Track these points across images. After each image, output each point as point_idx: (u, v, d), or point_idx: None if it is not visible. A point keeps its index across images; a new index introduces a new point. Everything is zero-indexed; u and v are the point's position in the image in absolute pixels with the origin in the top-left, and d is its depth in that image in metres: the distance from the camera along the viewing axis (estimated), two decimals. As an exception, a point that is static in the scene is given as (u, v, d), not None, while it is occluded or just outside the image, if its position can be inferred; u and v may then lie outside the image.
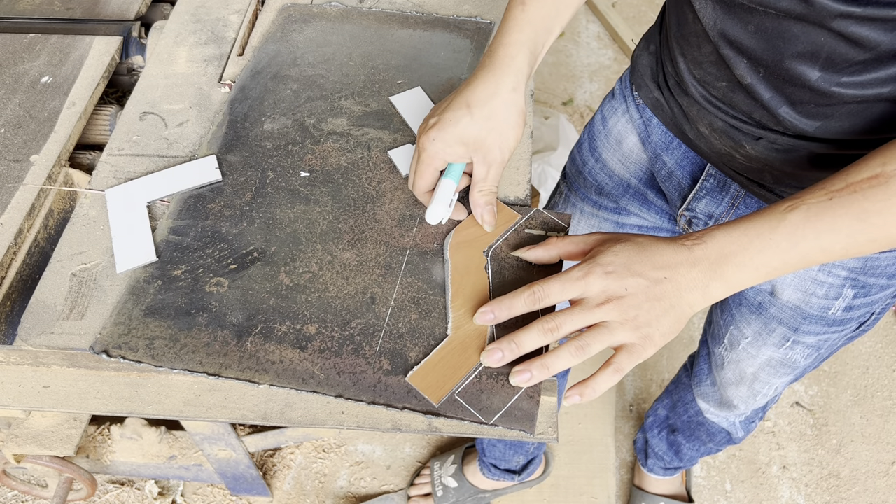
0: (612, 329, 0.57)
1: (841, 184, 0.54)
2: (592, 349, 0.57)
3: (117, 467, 1.23)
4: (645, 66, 0.81)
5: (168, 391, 0.68)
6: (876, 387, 1.67)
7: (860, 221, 0.52)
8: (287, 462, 1.52)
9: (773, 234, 0.55)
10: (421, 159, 0.69)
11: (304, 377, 0.63)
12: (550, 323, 0.58)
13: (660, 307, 0.57)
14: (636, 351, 0.57)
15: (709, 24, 0.64)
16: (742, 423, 1.11)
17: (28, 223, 0.75)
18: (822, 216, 0.53)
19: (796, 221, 0.54)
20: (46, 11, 0.99)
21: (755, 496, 1.51)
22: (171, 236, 0.73)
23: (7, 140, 0.81)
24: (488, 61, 0.69)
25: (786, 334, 0.84)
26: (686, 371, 1.20)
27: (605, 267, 0.58)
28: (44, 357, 0.68)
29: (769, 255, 0.55)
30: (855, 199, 0.52)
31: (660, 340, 0.57)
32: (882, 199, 0.52)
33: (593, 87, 2.22)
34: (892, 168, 0.52)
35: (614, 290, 0.57)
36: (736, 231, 0.56)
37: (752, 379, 0.94)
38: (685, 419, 1.20)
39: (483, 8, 0.96)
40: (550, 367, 0.58)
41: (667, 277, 0.57)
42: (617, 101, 0.88)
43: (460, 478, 1.46)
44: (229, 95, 0.85)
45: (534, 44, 0.69)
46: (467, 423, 0.61)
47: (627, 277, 0.57)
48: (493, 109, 0.67)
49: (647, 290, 0.57)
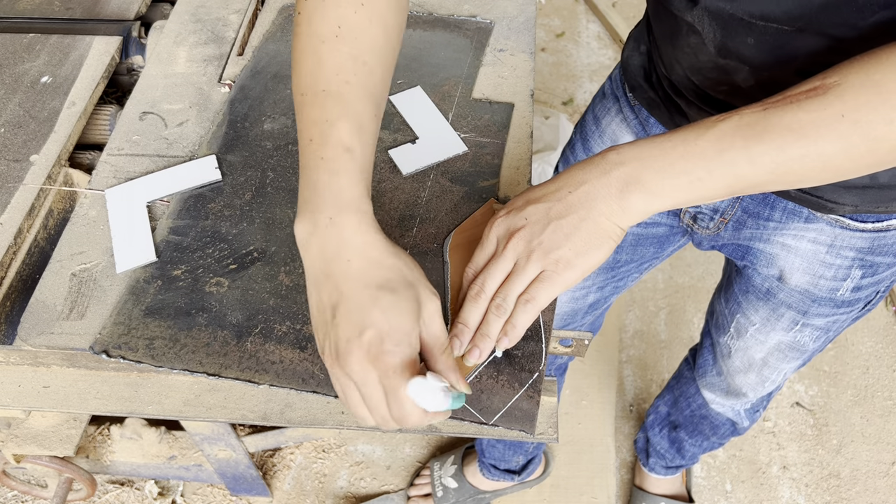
0: (521, 266, 0.55)
1: (779, 97, 0.50)
2: (509, 300, 0.56)
3: (117, 467, 1.23)
4: (637, 66, 0.80)
5: (168, 391, 0.68)
6: (876, 387, 1.67)
7: (791, 132, 0.48)
8: (287, 462, 1.52)
9: (698, 139, 0.51)
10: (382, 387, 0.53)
11: (304, 377, 0.63)
12: (496, 298, 0.57)
13: (567, 224, 0.53)
14: (549, 278, 0.54)
15: (707, 37, 0.62)
16: (747, 412, 1.11)
17: (28, 223, 0.75)
18: (753, 125, 0.50)
19: (725, 129, 0.50)
20: (46, 11, 0.99)
21: (755, 496, 1.51)
22: (171, 236, 0.73)
23: (7, 140, 0.81)
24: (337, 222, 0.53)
25: (795, 318, 0.84)
26: (688, 365, 1.20)
27: (507, 208, 0.57)
28: (44, 357, 0.68)
29: (692, 161, 0.51)
30: (789, 109, 0.49)
31: (577, 260, 0.53)
32: (817, 109, 0.48)
33: (593, 86, 2.22)
34: (832, 80, 0.48)
35: (514, 223, 0.56)
36: (660, 138, 0.52)
37: (762, 365, 0.95)
38: (687, 414, 1.20)
39: (483, 8, 0.96)
40: (489, 334, 0.57)
41: (572, 192, 0.54)
42: (609, 100, 0.87)
43: (460, 478, 1.46)
44: (229, 95, 0.85)
45: (368, 186, 0.57)
46: (467, 423, 0.61)
47: (526, 207, 0.56)
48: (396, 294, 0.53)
49: (549, 211, 0.54)
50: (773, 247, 0.79)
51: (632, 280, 1.00)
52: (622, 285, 1.00)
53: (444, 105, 0.84)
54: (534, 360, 0.63)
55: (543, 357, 0.63)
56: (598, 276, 0.96)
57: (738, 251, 0.84)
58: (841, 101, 0.47)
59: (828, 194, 0.69)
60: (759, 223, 0.78)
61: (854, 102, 0.47)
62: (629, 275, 0.98)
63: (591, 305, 1.01)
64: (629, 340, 1.72)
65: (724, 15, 0.58)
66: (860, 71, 0.48)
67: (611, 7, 2.40)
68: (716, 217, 0.80)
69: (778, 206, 0.75)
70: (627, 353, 1.70)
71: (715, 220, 0.81)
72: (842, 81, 0.48)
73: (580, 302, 0.99)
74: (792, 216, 0.75)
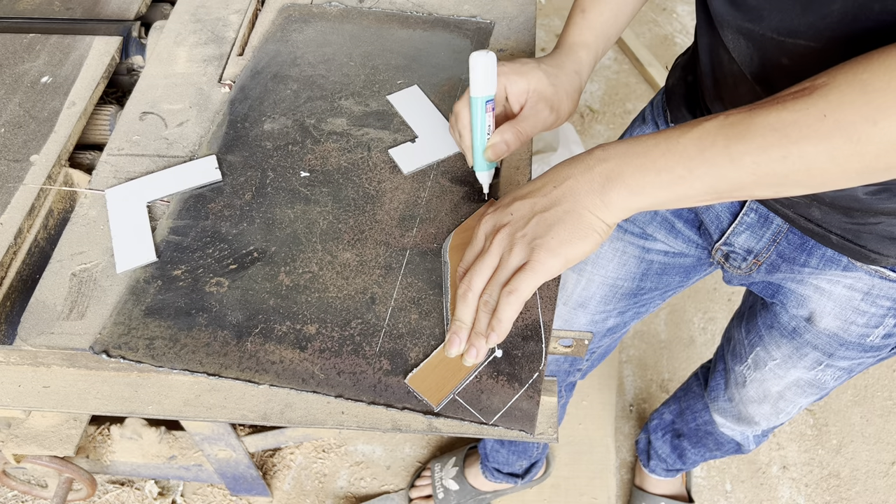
0: (504, 259, 0.56)
1: (769, 99, 0.49)
2: (495, 295, 0.57)
3: (117, 467, 1.23)
4: (681, 96, 0.78)
5: (168, 391, 0.68)
6: (876, 387, 1.67)
7: (774, 131, 0.47)
8: (287, 462, 1.52)
9: (680, 137, 0.50)
10: None
11: (304, 377, 0.63)
12: (483, 295, 0.58)
13: (551, 216, 0.54)
14: (529, 267, 0.55)
15: (744, 62, 0.60)
16: (756, 438, 1.09)
17: (28, 223, 0.75)
18: (736, 125, 0.48)
19: (708, 128, 0.50)
20: (46, 11, 0.99)
21: (755, 496, 1.51)
22: (171, 236, 0.73)
23: (7, 140, 0.81)
24: (549, 56, 0.71)
25: (819, 359, 0.81)
26: (697, 381, 1.18)
27: (495, 206, 0.59)
28: (44, 357, 0.68)
29: (673, 159, 0.50)
30: (774, 110, 0.47)
31: (559, 249, 0.54)
32: (801, 109, 0.46)
33: (593, 87, 2.22)
34: (821, 80, 0.46)
35: (500, 219, 0.57)
36: (645, 136, 0.53)
37: (777, 398, 0.92)
38: (692, 426, 1.19)
39: (483, 8, 0.96)
40: (480, 331, 0.59)
41: (556, 186, 0.55)
42: (649, 126, 0.85)
43: (461, 480, 1.45)
44: (229, 95, 0.85)
45: (594, 47, 0.72)
46: (467, 423, 0.61)
47: (512, 204, 0.57)
48: (558, 77, 0.68)
49: (533, 206, 0.55)
50: (807, 288, 0.76)
51: (654, 306, 0.98)
52: (644, 311, 0.98)
53: (445, 105, 0.84)
54: (534, 360, 0.63)
55: (543, 357, 0.64)
56: (620, 302, 0.94)
57: (768, 289, 0.81)
58: (825, 101, 0.45)
59: (871, 244, 0.66)
60: (794, 268, 0.74)
61: (837, 102, 0.45)
62: (652, 301, 0.96)
63: (610, 329, 0.99)
64: (629, 340, 1.72)
65: (755, 36, 0.57)
66: (848, 71, 0.46)
67: (611, 7, 2.39)
68: (749, 258, 0.78)
69: (816, 252, 0.72)
70: (627, 353, 1.70)
71: (748, 260, 0.78)
72: (829, 82, 0.46)
73: (599, 325, 0.98)
74: (830, 264, 0.71)
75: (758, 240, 0.75)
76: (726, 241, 0.78)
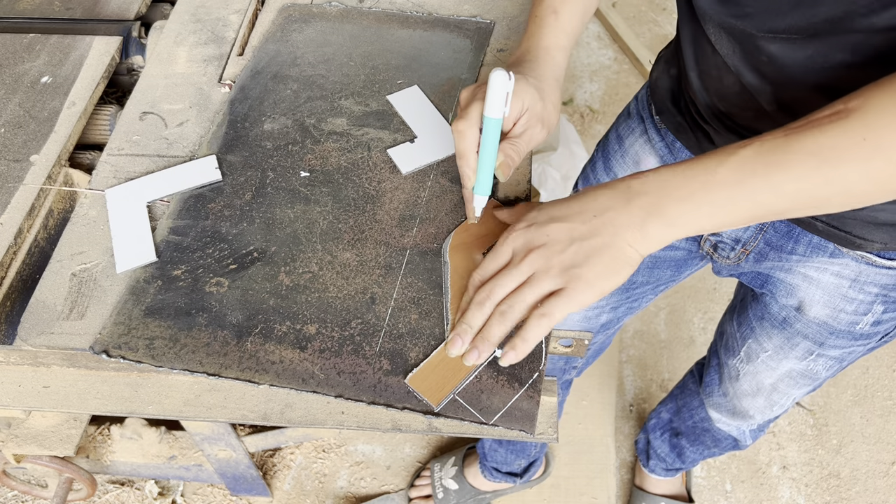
0: (537, 280, 0.55)
1: (802, 122, 0.49)
2: (516, 309, 0.56)
3: (117, 467, 1.23)
4: (665, 89, 0.79)
5: (168, 391, 0.68)
6: (876, 387, 1.67)
7: (813, 156, 0.47)
8: (287, 462, 1.52)
9: (718, 167, 0.50)
10: None
11: (304, 377, 0.63)
12: (502, 305, 0.57)
13: (589, 247, 0.54)
14: (565, 294, 0.54)
15: (727, 54, 0.61)
16: (752, 432, 1.09)
17: (28, 223, 0.75)
18: (774, 151, 0.49)
19: (746, 156, 0.50)
20: (46, 11, 0.99)
21: (755, 496, 1.51)
22: (171, 236, 0.73)
23: (7, 140, 0.81)
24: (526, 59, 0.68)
25: (810, 348, 0.82)
26: (693, 377, 1.19)
27: (527, 221, 0.58)
28: (44, 357, 0.68)
29: (714, 190, 0.50)
30: (811, 135, 0.48)
31: (596, 281, 0.54)
32: (839, 134, 0.47)
33: (593, 87, 2.22)
34: (855, 103, 0.47)
35: (534, 239, 0.56)
36: (682, 166, 0.52)
37: (771, 390, 0.93)
38: (690, 424, 1.20)
39: (483, 8, 0.96)
40: (489, 338, 0.58)
41: (597, 216, 0.54)
42: (634, 120, 0.86)
43: (461, 480, 1.46)
44: (229, 95, 0.85)
45: (568, 50, 0.70)
46: (467, 423, 0.61)
47: (549, 224, 0.56)
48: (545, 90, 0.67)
49: (572, 232, 0.55)
50: (795, 277, 0.77)
51: (646, 301, 0.99)
52: (636, 306, 0.99)
53: (445, 105, 0.84)
54: (534, 360, 0.63)
55: (543, 357, 0.63)
56: (613, 297, 0.95)
57: (757, 279, 0.82)
58: (863, 125, 0.46)
59: (857, 230, 0.67)
60: (782, 256, 0.76)
61: (876, 125, 0.46)
62: (644, 296, 0.97)
63: (604, 325, 1.00)
64: (629, 340, 1.72)
65: (736, 31, 0.58)
66: (883, 94, 0.46)
67: (611, 7, 2.40)
68: (737, 248, 0.79)
69: (802, 239, 0.73)
70: (627, 353, 1.70)
71: (736, 250, 0.79)
72: (864, 105, 0.47)
73: (592, 322, 0.98)
74: (816, 250, 0.73)
75: (745, 229, 0.76)
76: None
